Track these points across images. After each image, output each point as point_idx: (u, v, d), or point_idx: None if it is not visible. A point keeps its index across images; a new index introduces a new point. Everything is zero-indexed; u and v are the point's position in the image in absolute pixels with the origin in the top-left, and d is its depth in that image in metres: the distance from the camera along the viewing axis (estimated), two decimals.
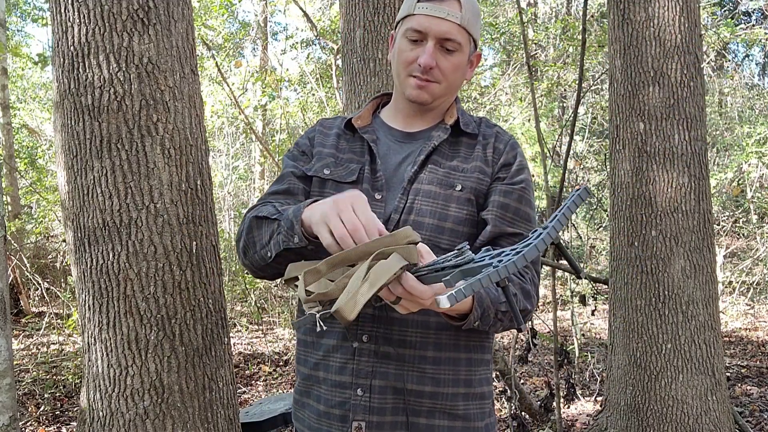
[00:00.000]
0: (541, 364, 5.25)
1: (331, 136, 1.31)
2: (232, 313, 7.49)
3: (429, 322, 1.14)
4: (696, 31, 2.98)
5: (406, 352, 1.13)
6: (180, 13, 1.81)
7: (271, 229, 1.11)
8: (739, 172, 7.11)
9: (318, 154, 1.28)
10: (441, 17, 1.16)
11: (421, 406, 1.14)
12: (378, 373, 1.13)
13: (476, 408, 1.19)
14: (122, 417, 1.69)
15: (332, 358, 1.16)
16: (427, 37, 1.17)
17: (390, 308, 1.07)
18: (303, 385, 1.24)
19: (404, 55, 1.20)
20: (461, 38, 1.19)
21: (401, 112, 1.29)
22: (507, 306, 1.07)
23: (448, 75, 1.21)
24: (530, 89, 4.06)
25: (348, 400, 1.14)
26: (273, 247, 1.10)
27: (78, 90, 1.69)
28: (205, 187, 1.85)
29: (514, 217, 1.19)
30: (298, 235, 1.03)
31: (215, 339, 1.80)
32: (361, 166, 1.23)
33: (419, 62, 1.17)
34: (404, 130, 1.28)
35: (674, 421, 2.84)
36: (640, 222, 2.96)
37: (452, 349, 1.16)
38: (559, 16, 10.11)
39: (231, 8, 9.29)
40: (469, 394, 1.18)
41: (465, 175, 1.21)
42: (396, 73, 1.25)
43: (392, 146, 1.27)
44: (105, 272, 1.69)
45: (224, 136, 10.52)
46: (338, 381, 1.15)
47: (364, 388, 1.13)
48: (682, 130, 2.91)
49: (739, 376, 4.69)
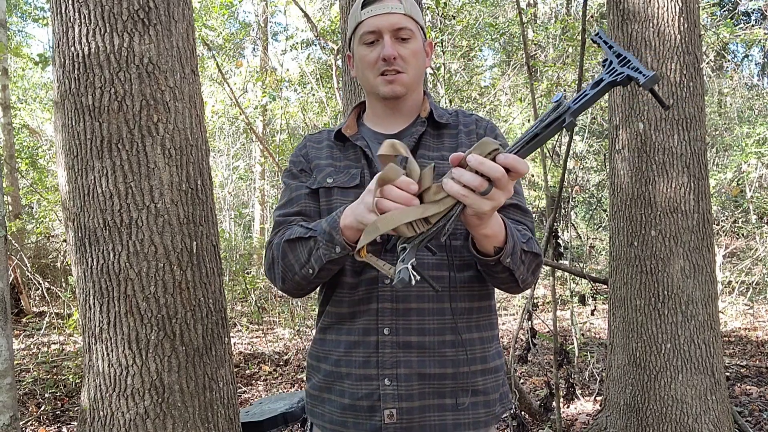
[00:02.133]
0: (541, 363, 5.25)
1: (323, 149, 1.36)
2: (232, 313, 7.50)
3: (444, 309, 1.21)
4: (695, 32, 2.98)
5: (426, 339, 1.20)
6: (180, 14, 1.81)
7: (308, 246, 1.16)
8: (738, 172, 7.11)
9: (317, 167, 1.33)
10: (387, 12, 1.26)
11: (445, 388, 1.21)
12: (402, 362, 1.19)
13: (492, 381, 1.28)
14: (123, 416, 1.69)
15: (355, 353, 1.22)
16: (381, 33, 1.26)
17: (406, 298, 1.19)
18: (323, 382, 1.28)
19: (366, 59, 1.28)
20: (411, 25, 1.27)
21: (379, 115, 1.36)
22: (527, 246, 1.16)
23: (411, 61, 1.28)
24: (530, 89, 4.06)
25: (376, 391, 1.20)
26: (315, 263, 1.15)
27: (79, 90, 1.70)
28: (206, 187, 1.85)
29: None
30: (339, 244, 1.10)
31: (215, 339, 1.81)
32: (360, 170, 1.29)
33: (383, 56, 1.25)
34: (387, 132, 1.34)
35: (674, 420, 2.85)
36: (639, 222, 2.97)
37: (467, 330, 1.24)
38: (558, 17, 10.11)
39: (231, 9, 9.29)
40: (486, 369, 1.26)
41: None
42: (365, 80, 1.32)
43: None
44: (105, 272, 1.70)
45: (225, 136, 10.53)
46: (363, 374, 1.21)
47: (391, 377, 1.19)
48: (681, 130, 2.91)
49: (738, 376, 4.69)
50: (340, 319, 1.25)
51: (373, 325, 1.20)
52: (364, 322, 1.21)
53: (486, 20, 9.14)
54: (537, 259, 1.20)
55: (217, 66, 6.60)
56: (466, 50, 9.11)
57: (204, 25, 8.55)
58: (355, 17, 1.30)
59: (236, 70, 10.58)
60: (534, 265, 1.20)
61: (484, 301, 1.28)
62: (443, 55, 8.02)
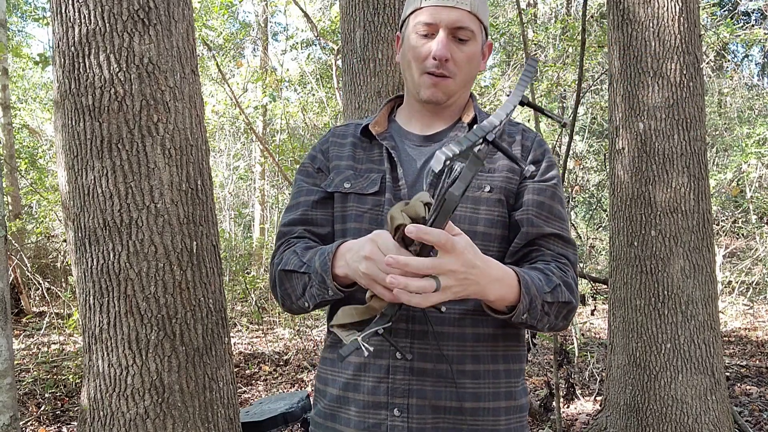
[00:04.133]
0: (541, 363, 5.25)
1: (346, 146, 1.25)
2: (232, 313, 7.50)
3: (465, 335, 1.09)
4: (695, 32, 2.98)
5: (443, 367, 1.07)
6: (180, 14, 1.81)
7: (302, 281, 1.09)
8: (738, 172, 7.11)
9: (336, 168, 1.22)
10: (451, 6, 1.12)
11: (462, 425, 1.07)
12: (415, 391, 1.07)
13: (516, 422, 1.13)
14: (123, 416, 1.69)
15: (364, 378, 1.10)
16: (439, 27, 1.12)
17: (425, 321, 1.06)
18: (329, 408, 1.16)
19: (416, 51, 1.14)
20: (473, 26, 1.14)
21: (416, 114, 1.23)
22: (552, 297, 1.04)
23: (463, 67, 1.15)
24: (530, 89, 4.06)
25: (384, 422, 1.08)
26: (309, 300, 1.09)
27: (79, 90, 1.70)
28: (206, 187, 1.85)
29: (548, 215, 1.15)
30: (331, 288, 1.02)
31: (215, 339, 1.81)
32: (382, 175, 1.17)
33: (433, 54, 1.12)
34: (421, 133, 1.22)
35: (674, 420, 2.85)
36: (639, 222, 2.97)
37: (491, 361, 1.11)
38: (558, 17, 10.11)
39: (231, 9, 9.29)
40: (511, 407, 1.12)
41: (492, 176, 1.15)
42: (408, 72, 1.19)
43: (411, 151, 1.21)
44: (105, 272, 1.70)
45: (225, 136, 10.53)
46: (371, 401, 1.09)
47: (401, 407, 1.07)
48: (681, 130, 2.91)
49: (738, 376, 4.69)
50: None
51: (385, 347, 1.08)
52: (376, 343, 1.06)
53: None
54: (567, 306, 1.07)
55: (217, 66, 6.60)
56: None
57: (204, 25, 8.55)
58: (414, 0, 1.16)
59: (236, 70, 10.58)
60: (565, 311, 1.07)
61: (510, 329, 1.13)
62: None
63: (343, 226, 1.18)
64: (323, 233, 1.20)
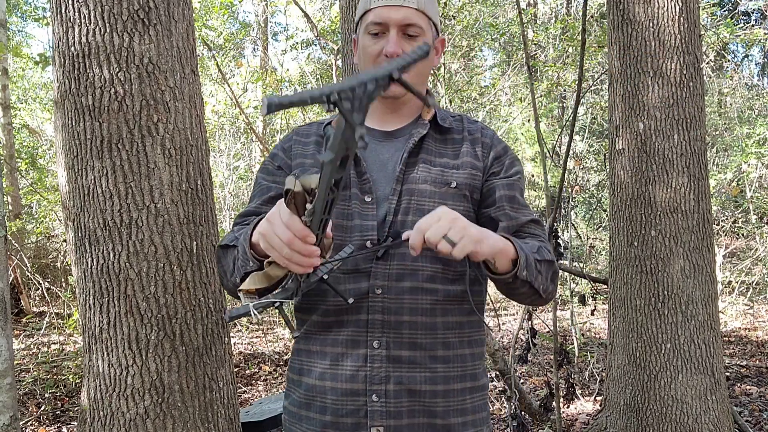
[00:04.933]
0: (541, 363, 5.25)
1: (310, 144, 1.30)
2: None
3: (436, 323, 1.17)
4: (695, 32, 2.98)
5: (417, 354, 1.15)
6: (180, 14, 1.81)
7: (233, 255, 1.14)
8: (738, 172, 7.11)
9: (300, 166, 1.27)
10: (398, 5, 1.18)
11: (436, 407, 1.16)
12: (392, 377, 1.14)
13: (479, 399, 1.24)
14: (123, 416, 1.69)
15: (341, 367, 1.16)
16: (388, 26, 1.19)
17: (399, 311, 1.14)
18: (303, 397, 1.21)
19: (368, 50, 1.21)
20: (422, 22, 1.20)
21: (376, 111, 1.28)
22: (539, 255, 1.13)
23: None
24: (530, 89, 4.07)
25: (362, 407, 1.14)
26: (237, 273, 1.12)
27: (79, 90, 1.70)
28: (206, 187, 1.85)
29: (519, 207, 1.24)
30: (250, 259, 1.05)
31: (215, 339, 1.81)
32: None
33: (385, 52, 1.18)
34: (382, 129, 1.28)
35: (674, 420, 2.85)
36: (639, 222, 2.97)
37: (458, 346, 1.19)
38: (558, 17, 10.12)
39: (231, 9, 9.29)
40: (475, 387, 1.22)
41: (457, 172, 1.23)
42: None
43: (374, 147, 1.27)
44: (105, 272, 1.70)
45: (225, 136, 10.53)
46: (349, 389, 1.15)
47: (379, 393, 1.14)
48: (681, 130, 2.91)
49: (738, 376, 4.69)
50: (325, 328, 1.18)
51: (362, 337, 1.14)
52: (352, 333, 1.15)
53: (486, 20, 9.15)
54: (552, 266, 1.17)
55: (218, 66, 6.60)
56: (466, 50, 9.11)
57: (204, 25, 8.55)
58: (364, 3, 1.22)
59: (236, 70, 10.58)
60: (551, 272, 1.17)
61: (474, 316, 1.23)
62: (443, 55, 8.02)
63: None
64: None
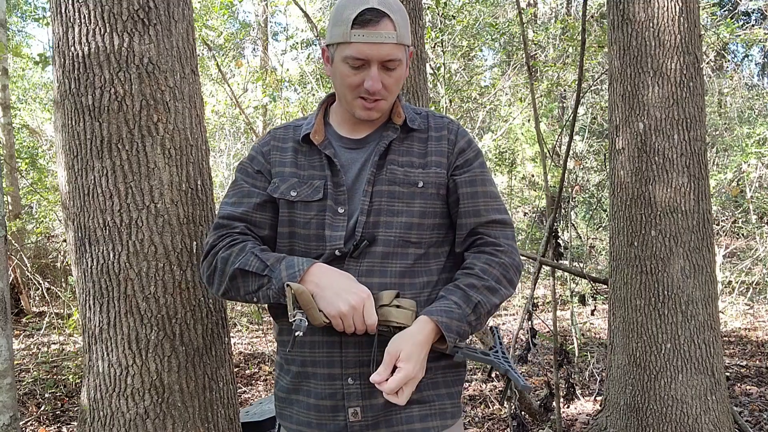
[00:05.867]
0: (541, 363, 5.25)
1: (288, 151, 1.33)
2: (232, 313, 7.50)
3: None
4: (696, 32, 2.98)
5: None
6: (180, 14, 1.81)
7: (260, 282, 1.20)
8: (738, 172, 7.11)
9: (280, 174, 1.30)
10: (379, 42, 1.17)
11: None
12: (365, 361, 1.21)
13: (453, 375, 1.30)
14: (123, 417, 1.69)
15: (319, 353, 1.24)
16: (370, 63, 1.19)
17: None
18: (292, 384, 1.29)
19: (348, 80, 1.21)
20: (401, 54, 1.21)
21: (348, 119, 1.32)
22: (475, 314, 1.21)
23: (393, 88, 1.24)
24: (530, 89, 4.07)
25: (339, 390, 1.22)
26: (262, 298, 1.21)
27: (78, 90, 1.70)
28: (206, 187, 1.85)
29: (486, 201, 1.29)
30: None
31: (215, 339, 1.81)
32: (324, 182, 1.27)
33: (366, 87, 1.20)
34: (354, 137, 1.32)
35: (674, 420, 2.85)
36: (639, 222, 2.97)
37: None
38: (558, 17, 10.12)
39: (231, 9, 9.29)
40: (449, 364, 1.29)
41: (423, 171, 1.27)
42: (341, 93, 1.27)
43: (348, 155, 1.30)
44: (105, 272, 1.70)
45: (225, 136, 10.52)
46: (328, 374, 1.23)
47: (354, 376, 1.22)
48: (681, 130, 2.91)
49: (738, 376, 4.69)
50: None
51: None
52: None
53: (486, 20, 9.14)
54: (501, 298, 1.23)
55: (218, 66, 6.60)
56: (466, 50, 9.10)
57: (204, 25, 8.55)
58: (343, 31, 1.18)
59: (236, 70, 10.57)
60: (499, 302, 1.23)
61: (451, 273, 1.30)
62: (443, 55, 8.01)
63: (291, 229, 1.28)
64: (262, 235, 1.31)
